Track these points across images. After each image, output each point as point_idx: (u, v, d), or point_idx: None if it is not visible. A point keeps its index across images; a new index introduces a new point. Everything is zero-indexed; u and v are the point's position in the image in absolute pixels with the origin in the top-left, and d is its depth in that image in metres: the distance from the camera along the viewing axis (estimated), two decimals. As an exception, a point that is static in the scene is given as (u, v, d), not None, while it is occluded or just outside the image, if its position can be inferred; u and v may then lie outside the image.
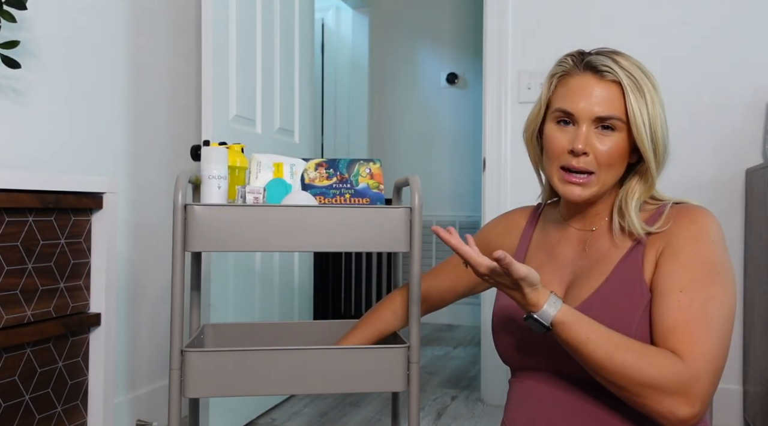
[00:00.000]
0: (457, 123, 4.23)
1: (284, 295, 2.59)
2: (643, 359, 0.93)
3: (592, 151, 1.04)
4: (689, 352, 0.93)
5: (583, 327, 0.95)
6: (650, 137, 1.03)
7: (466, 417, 2.46)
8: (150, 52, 2.24)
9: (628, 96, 1.02)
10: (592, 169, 1.05)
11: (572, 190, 1.07)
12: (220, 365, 1.25)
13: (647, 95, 1.03)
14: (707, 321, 0.95)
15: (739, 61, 2.36)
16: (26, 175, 1.29)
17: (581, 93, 1.05)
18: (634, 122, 1.02)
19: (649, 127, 1.03)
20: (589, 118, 1.04)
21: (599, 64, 1.04)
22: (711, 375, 0.93)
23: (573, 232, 1.16)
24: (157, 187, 2.26)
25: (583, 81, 1.05)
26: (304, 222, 1.29)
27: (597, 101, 1.04)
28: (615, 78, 1.03)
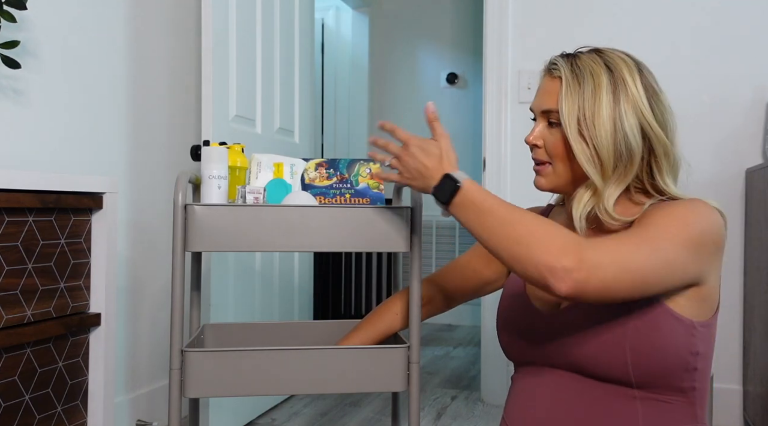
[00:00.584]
0: (457, 123, 4.23)
1: (284, 295, 2.59)
2: (546, 229, 0.92)
3: (544, 144, 1.09)
4: (598, 244, 0.91)
5: (490, 196, 0.98)
6: (578, 130, 1.02)
7: (466, 417, 2.46)
8: (150, 52, 2.24)
9: (561, 91, 1.04)
10: (545, 159, 1.09)
11: (536, 179, 1.12)
12: (220, 365, 1.25)
13: (587, 88, 1.02)
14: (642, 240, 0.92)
15: (739, 61, 2.36)
16: (26, 175, 1.29)
17: (538, 91, 1.11)
18: (562, 118, 1.03)
19: (576, 120, 1.01)
20: (538, 112, 1.10)
21: (551, 64, 1.09)
22: (612, 260, 0.89)
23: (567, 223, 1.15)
24: (157, 187, 2.26)
25: (542, 81, 1.11)
26: (304, 222, 1.29)
27: (543, 96, 1.08)
28: (558, 74, 1.06)
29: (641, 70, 1.06)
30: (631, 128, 1.01)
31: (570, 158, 1.06)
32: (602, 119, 1.01)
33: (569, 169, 1.07)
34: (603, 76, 1.02)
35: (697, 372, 1.03)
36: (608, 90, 1.02)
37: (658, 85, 1.08)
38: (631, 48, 1.16)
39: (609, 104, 1.01)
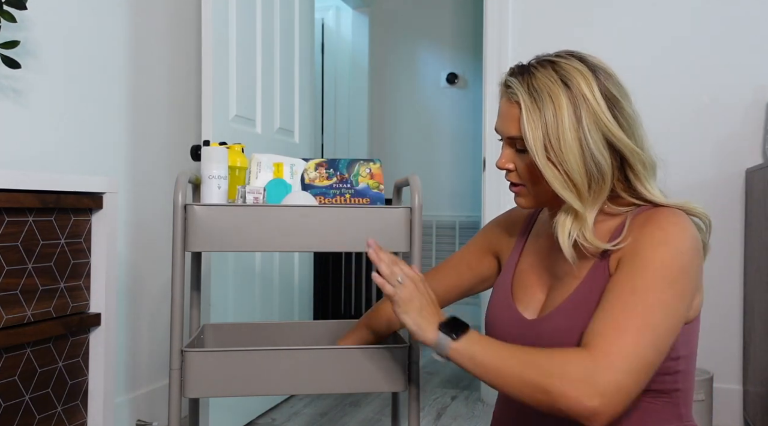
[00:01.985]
0: (457, 123, 4.23)
1: (284, 295, 2.59)
2: (549, 352, 0.93)
3: (515, 166, 1.07)
4: (605, 346, 0.89)
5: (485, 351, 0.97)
6: (545, 156, 0.99)
7: (466, 417, 2.46)
8: (150, 52, 2.24)
9: (522, 115, 1.01)
10: (520, 183, 1.08)
11: (516, 200, 1.11)
12: (220, 365, 1.25)
13: (548, 111, 0.98)
14: (645, 323, 0.91)
15: (739, 61, 2.36)
16: (26, 175, 1.29)
17: (499, 114, 1.09)
18: (526, 141, 1.00)
19: (541, 147, 0.99)
20: (504, 137, 1.07)
21: (507, 85, 1.06)
22: (627, 370, 0.88)
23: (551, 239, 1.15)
24: (157, 187, 2.26)
25: (501, 102, 1.09)
26: (304, 222, 1.29)
27: (504, 123, 1.06)
28: (516, 98, 1.02)
29: (598, 77, 1.01)
30: (597, 145, 0.98)
31: (540, 182, 1.03)
32: (568, 142, 0.98)
33: (544, 190, 1.04)
34: (561, 95, 0.99)
35: (679, 374, 1.03)
36: (569, 110, 0.98)
37: (621, 87, 1.03)
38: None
39: (572, 125, 0.98)
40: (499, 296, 1.19)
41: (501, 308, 1.17)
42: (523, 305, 1.14)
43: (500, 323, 1.15)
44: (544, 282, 1.14)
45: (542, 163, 0.99)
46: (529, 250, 1.21)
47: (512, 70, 1.08)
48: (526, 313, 1.12)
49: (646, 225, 0.99)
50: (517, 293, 1.16)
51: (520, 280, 1.18)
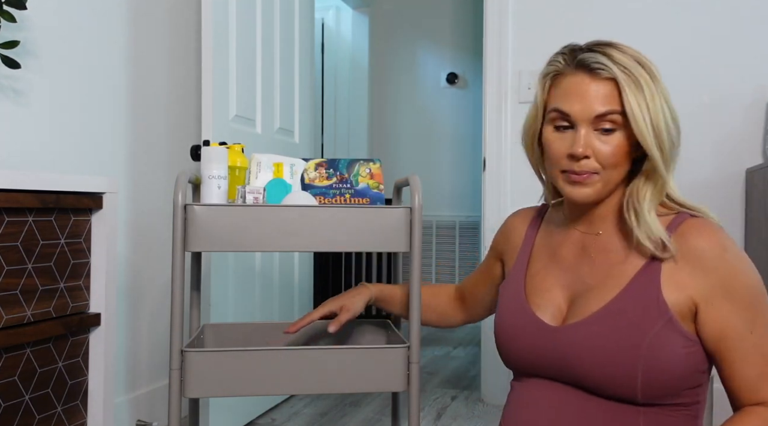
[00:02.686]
0: (457, 123, 4.23)
1: (284, 295, 2.58)
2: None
3: (594, 153, 0.99)
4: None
5: None
6: (653, 133, 0.96)
7: (466, 417, 2.46)
8: (150, 52, 2.24)
9: (625, 91, 0.96)
10: (595, 171, 1.00)
11: (578, 190, 1.01)
12: (220, 365, 1.25)
13: (645, 89, 0.97)
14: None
15: (739, 61, 2.36)
16: (26, 175, 1.29)
17: (576, 93, 1.00)
18: (634, 118, 0.96)
19: (650, 122, 0.96)
20: (587, 119, 0.99)
21: (591, 62, 0.99)
22: None
23: (577, 235, 1.11)
24: (157, 187, 2.26)
25: (576, 80, 1.00)
26: (304, 222, 1.29)
27: (593, 100, 0.98)
28: (609, 74, 0.97)
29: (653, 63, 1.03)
30: (672, 122, 0.99)
31: (622, 165, 1.00)
32: (659, 118, 0.97)
33: (618, 176, 1.01)
34: (645, 73, 0.98)
35: (701, 387, 1.03)
36: (656, 88, 0.98)
37: None
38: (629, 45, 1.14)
39: (660, 101, 0.98)
40: (512, 301, 1.14)
41: (516, 314, 1.11)
42: (540, 310, 1.09)
43: (517, 330, 1.10)
44: (563, 285, 1.09)
45: (650, 138, 0.96)
46: (540, 252, 1.16)
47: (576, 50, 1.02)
48: (545, 318, 1.07)
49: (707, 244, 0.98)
50: (531, 297, 1.11)
51: (534, 284, 1.13)
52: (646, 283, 0.99)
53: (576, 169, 1.00)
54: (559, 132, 1.02)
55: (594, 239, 1.08)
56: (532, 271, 1.15)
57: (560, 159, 1.02)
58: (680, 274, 0.97)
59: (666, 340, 0.96)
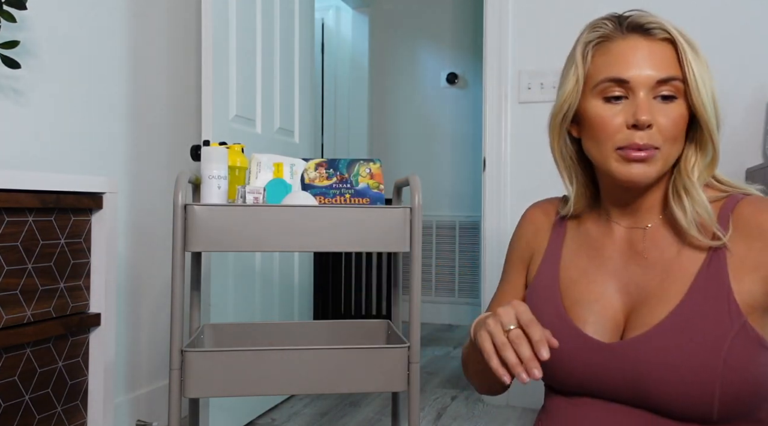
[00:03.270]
0: (457, 123, 4.23)
1: (284, 295, 2.59)
2: None
3: (656, 124, 0.87)
4: None
5: None
6: (712, 102, 0.88)
7: (466, 417, 2.46)
8: (150, 52, 2.24)
9: (686, 55, 0.87)
10: (657, 145, 0.87)
11: (635, 169, 0.88)
12: (220, 365, 1.25)
13: (701, 56, 0.89)
14: None
15: (739, 61, 2.36)
16: (26, 175, 1.29)
17: (632, 58, 0.88)
18: (695, 85, 0.86)
19: (710, 91, 0.87)
20: (647, 85, 0.87)
21: (646, 22, 0.90)
22: None
23: (620, 230, 0.97)
24: (157, 187, 2.26)
25: (630, 44, 0.89)
26: (304, 222, 1.29)
27: (653, 64, 0.87)
28: (667, 35, 0.89)
29: None
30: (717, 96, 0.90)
31: (681, 140, 0.89)
32: (714, 89, 0.89)
33: (675, 153, 0.90)
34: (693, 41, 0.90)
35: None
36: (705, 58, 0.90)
37: None
38: None
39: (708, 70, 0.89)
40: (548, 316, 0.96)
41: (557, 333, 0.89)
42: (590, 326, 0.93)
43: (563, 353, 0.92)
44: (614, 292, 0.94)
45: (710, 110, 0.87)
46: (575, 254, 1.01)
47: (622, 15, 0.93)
48: (599, 335, 0.92)
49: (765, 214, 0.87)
50: (575, 311, 0.95)
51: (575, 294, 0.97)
52: (712, 280, 0.87)
53: (638, 142, 0.87)
54: (612, 103, 0.90)
55: (642, 234, 0.95)
56: (567, 279, 0.99)
57: (616, 133, 0.89)
58: (750, 255, 0.86)
59: (744, 348, 0.83)
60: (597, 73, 0.91)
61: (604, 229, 0.99)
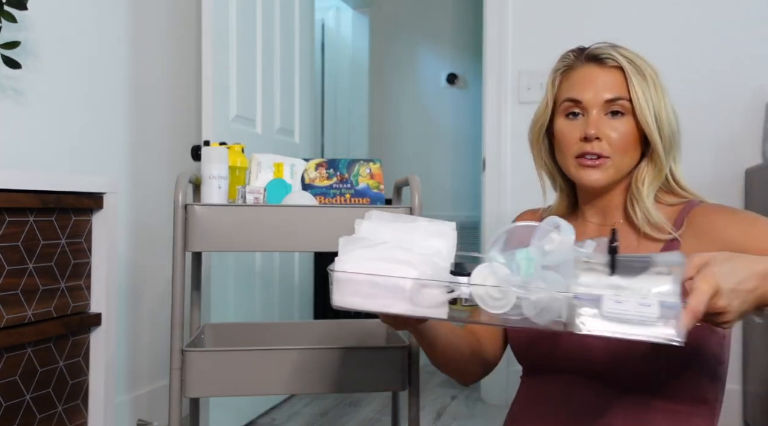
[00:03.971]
0: (457, 123, 4.23)
1: (284, 295, 2.59)
2: None
3: (605, 137, 1.04)
4: None
5: None
6: (655, 119, 1.03)
7: (466, 417, 2.46)
8: (150, 51, 2.24)
9: (631, 79, 1.03)
10: (607, 154, 1.04)
11: (589, 174, 1.05)
12: (220, 365, 1.25)
13: (649, 80, 1.04)
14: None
15: (739, 61, 2.36)
16: (26, 175, 1.29)
17: (587, 82, 1.06)
18: (638, 104, 1.03)
19: (653, 109, 1.03)
20: (598, 104, 1.05)
21: (600, 53, 1.07)
22: None
23: (592, 227, 1.12)
24: (157, 187, 2.26)
25: (586, 71, 1.07)
26: (304, 222, 1.29)
27: (603, 87, 1.05)
28: (616, 63, 1.05)
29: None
30: (673, 116, 1.06)
31: (632, 150, 1.05)
32: (661, 109, 1.04)
33: (628, 162, 1.06)
34: (649, 69, 1.06)
35: (720, 382, 1.01)
36: (658, 82, 1.06)
37: None
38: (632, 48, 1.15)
39: (661, 94, 1.05)
40: None
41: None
42: None
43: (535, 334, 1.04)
44: None
45: (652, 125, 1.02)
46: None
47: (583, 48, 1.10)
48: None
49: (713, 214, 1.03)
50: None
51: None
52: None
53: (588, 150, 1.04)
54: (570, 119, 1.08)
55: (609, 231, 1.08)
56: None
57: (573, 144, 1.06)
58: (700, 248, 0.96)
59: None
60: (561, 95, 1.10)
61: (580, 228, 1.10)
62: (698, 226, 1.02)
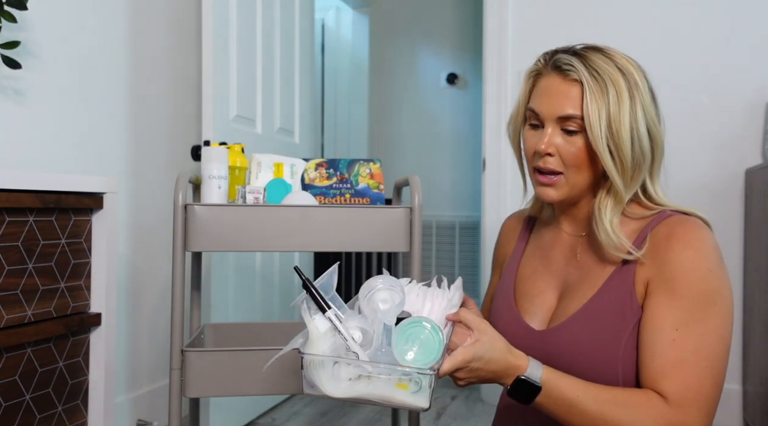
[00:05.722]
0: (457, 123, 4.23)
1: (284, 295, 2.59)
2: (635, 414, 0.90)
3: (558, 152, 1.01)
4: (681, 398, 0.90)
5: (571, 385, 0.92)
6: (607, 140, 0.97)
7: (466, 417, 2.46)
8: (150, 51, 2.24)
9: (585, 95, 0.97)
10: (559, 170, 1.02)
11: (544, 191, 1.04)
12: (220, 365, 1.25)
13: (612, 95, 0.97)
14: (702, 360, 0.92)
15: (739, 61, 2.36)
16: (26, 175, 1.29)
17: (546, 93, 1.02)
18: (588, 122, 0.97)
19: (606, 129, 0.96)
20: (552, 118, 1.01)
21: (562, 63, 1.01)
22: (703, 418, 0.91)
23: (564, 236, 1.12)
24: (157, 187, 2.26)
25: (549, 81, 1.03)
26: (304, 222, 1.29)
27: (558, 102, 1.00)
28: (577, 76, 0.99)
29: (644, 72, 1.03)
30: (644, 135, 0.99)
31: (587, 168, 1.01)
32: (625, 127, 0.97)
33: (584, 178, 1.02)
34: (620, 80, 0.98)
35: None
36: (628, 96, 0.98)
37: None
38: (631, 49, 1.15)
39: (629, 111, 0.97)
40: (503, 306, 1.14)
41: (506, 320, 1.12)
42: (529, 315, 1.10)
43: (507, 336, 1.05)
44: (553, 288, 1.10)
45: (602, 146, 0.97)
46: (532, 255, 1.17)
47: (559, 51, 1.04)
48: (534, 323, 1.08)
49: (671, 239, 0.97)
50: (521, 302, 1.12)
51: (524, 288, 1.14)
52: (619, 284, 1.00)
53: (541, 165, 1.03)
54: (532, 130, 1.05)
55: (580, 241, 1.09)
56: (522, 274, 1.16)
57: (532, 156, 1.05)
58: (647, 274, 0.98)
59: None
60: (527, 102, 1.07)
61: (554, 235, 1.14)
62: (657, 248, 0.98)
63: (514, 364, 0.92)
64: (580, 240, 1.09)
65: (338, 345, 0.88)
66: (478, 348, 0.90)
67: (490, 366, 0.91)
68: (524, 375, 0.92)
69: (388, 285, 0.93)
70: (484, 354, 0.90)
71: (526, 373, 0.92)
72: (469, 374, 0.91)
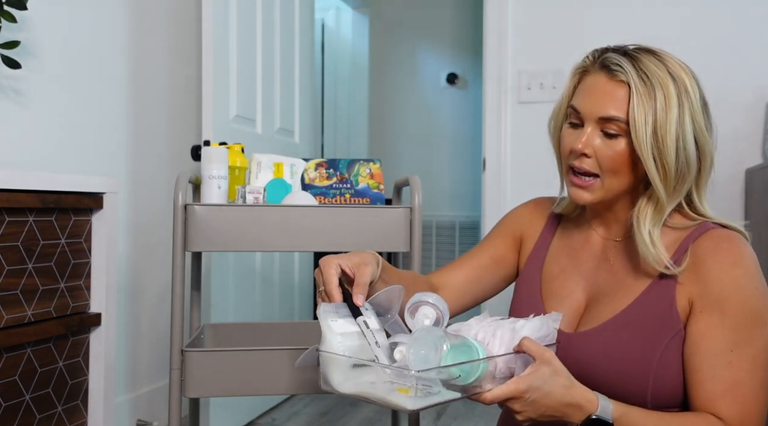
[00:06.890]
0: (457, 123, 4.23)
1: (284, 295, 2.59)
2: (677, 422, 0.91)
3: (595, 153, 0.98)
4: (740, 419, 0.91)
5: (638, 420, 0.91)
6: (653, 146, 0.93)
7: (466, 417, 2.46)
8: (150, 52, 2.24)
9: (632, 97, 0.94)
10: (595, 172, 0.98)
11: (576, 192, 1.01)
12: (220, 365, 1.25)
13: (660, 99, 0.94)
14: (757, 380, 0.92)
15: (739, 61, 2.36)
16: (26, 175, 1.29)
17: (590, 92, 0.99)
18: (633, 126, 0.94)
19: (651, 135, 0.93)
20: (593, 118, 0.98)
21: (611, 63, 0.98)
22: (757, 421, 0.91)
23: (596, 238, 1.09)
24: (157, 187, 2.26)
25: (594, 79, 1.00)
26: (304, 222, 1.29)
27: (601, 102, 0.97)
28: (624, 78, 0.96)
29: (696, 77, 1.01)
30: (691, 143, 0.96)
31: (625, 173, 0.98)
32: (671, 134, 0.94)
33: (620, 184, 0.99)
34: (670, 85, 0.96)
35: None
36: (676, 101, 0.95)
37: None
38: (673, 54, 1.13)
39: (677, 118, 0.94)
40: (528, 303, 1.11)
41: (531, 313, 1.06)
42: None
43: None
44: (582, 290, 1.07)
45: (647, 150, 0.93)
46: (558, 253, 1.13)
47: (609, 49, 1.01)
48: (562, 326, 1.04)
49: (718, 255, 0.96)
50: (549, 301, 1.09)
51: (552, 287, 1.10)
52: (659, 297, 0.98)
53: (576, 165, 1.00)
54: (572, 128, 1.02)
55: (614, 245, 1.07)
56: (548, 273, 1.12)
57: (568, 154, 1.01)
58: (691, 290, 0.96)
59: (677, 350, 0.96)
60: (571, 99, 1.04)
61: (585, 235, 1.11)
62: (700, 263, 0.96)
63: (580, 401, 0.89)
64: (615, 245, 1.07)
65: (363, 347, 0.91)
66: (534, 378, 0.86)
67: (549, 400, 0.87)
68: (596, 414, 0.89)
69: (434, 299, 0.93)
70: (541, 385, 0.86)
71: (597, 412, 0.89)
72: (527, 407, 0.87)
